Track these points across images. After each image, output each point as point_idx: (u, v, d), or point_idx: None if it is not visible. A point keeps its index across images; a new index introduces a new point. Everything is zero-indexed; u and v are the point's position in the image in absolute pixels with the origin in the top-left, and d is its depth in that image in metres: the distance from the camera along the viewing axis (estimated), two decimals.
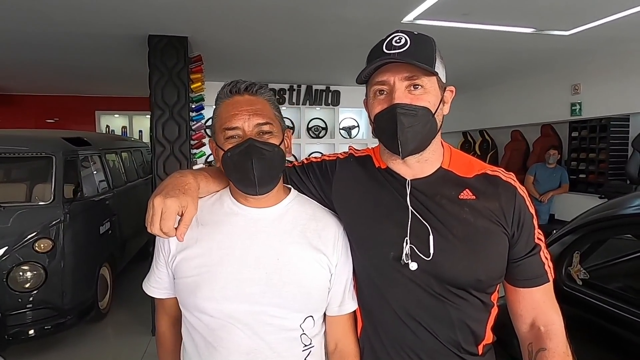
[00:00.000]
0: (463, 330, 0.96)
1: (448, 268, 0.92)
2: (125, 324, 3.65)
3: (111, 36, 3.88)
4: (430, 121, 0.91)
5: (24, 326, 2.99)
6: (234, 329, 0.93)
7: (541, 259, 0.97)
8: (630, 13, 3.23)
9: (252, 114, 0.94)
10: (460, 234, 0.92)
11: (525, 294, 0.98)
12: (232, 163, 0.93)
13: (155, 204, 0.87)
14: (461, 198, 0.95)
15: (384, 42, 0.92)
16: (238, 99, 0.96)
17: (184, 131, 3.93)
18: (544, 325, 0.97)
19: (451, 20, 3.39)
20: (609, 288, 1.69)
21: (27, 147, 3.46)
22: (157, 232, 0.88)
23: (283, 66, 5.36)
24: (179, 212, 0.89)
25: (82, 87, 7.18)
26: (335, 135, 7.06)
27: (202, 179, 1.00)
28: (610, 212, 1.70)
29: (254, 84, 0.98)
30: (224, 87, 0.99)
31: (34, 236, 3.05)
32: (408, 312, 0.95)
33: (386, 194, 0.99)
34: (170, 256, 0.99)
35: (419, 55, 0.89)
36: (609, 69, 4.82)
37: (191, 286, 0.95)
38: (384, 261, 0.95)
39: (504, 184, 0.97)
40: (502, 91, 6.56)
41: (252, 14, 3.32)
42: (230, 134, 0.94)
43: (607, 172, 5.13)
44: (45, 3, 3.01)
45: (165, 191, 0.89)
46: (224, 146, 0.95)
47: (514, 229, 0.95)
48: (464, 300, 0.94)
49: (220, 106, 0.98)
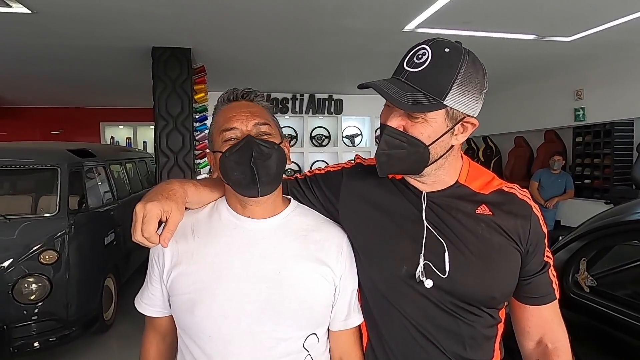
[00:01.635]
0: (473, 347, 0.94)
1: (464, 284, 0.90)
2: (129, 335, 3.64)
3: (115, 49, 3.92)
4: (416, 151, 0.87)
5: (29, 338, 2.98)
6: (230, 357, 0.88)
7: (549, 276, 0.97)
8: (631, 18, 3.23)
9: (250, 114, 0.93)
10: (476, 249, 0.90)
11: (534, 311, 0.97)
12: (231, 162, 0.89)
13: (137, 210, 0.84)
14: (478, 213, 0.93)
15: (411, 51, 0.86)
16: (235, 104, 0.96)
17: (187, 141, 3.95)
18: (552, 342, 0.97)
19: (452, 28, 3.40)
20: (616, 295, 1.67)
21: (33, 159, 3.48)
22: (140, 238, 0.84)
23: (286, 76, 5.39)
24: (161, 217, 0.85)
25: (87, 99, 7.25)
26: (339, 144, 7.07)
27: (189, 186, 0.96)
28: (617, 219, 1.68)
29: (251, 91, 0.97)
30: (221, 96, 0.98)
31: (39, 248, 3.06)
32: (418, 328, 0.92)
33: (400, 206, 0.95)
34: (166, 271, 0.94)
35: (429, 82, 0.82)
36: (611, 74, 4.81)
37: (188, 304, 0.90)
38: (395, 275, 0.92)
39: (520, 202, 0.95)
40: (505, 97, 6.56)
41: (255, 25, 3.35)
42: (228, 135, 0.91)
43: (613, 177, 5.10)
44: (50, 17, 3.06)
45: (148, 197, 0.87)
46: (221, 149, 0.91)
47: (528, 247, 0.93)
48: (476, 317, 0.93)
49: (218, 113, 0.97)
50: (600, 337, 1.62)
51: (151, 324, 1.04)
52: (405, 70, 0.84)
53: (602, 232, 1.69)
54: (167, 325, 1.01)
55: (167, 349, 1.04)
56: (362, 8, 2.99)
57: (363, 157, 1.09)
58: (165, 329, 1.02)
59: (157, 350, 1.03)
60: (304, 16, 3.15)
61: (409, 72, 0.83)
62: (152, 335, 1.04)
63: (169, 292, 0.95)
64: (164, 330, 1.03)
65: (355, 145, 7.19)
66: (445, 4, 2.89)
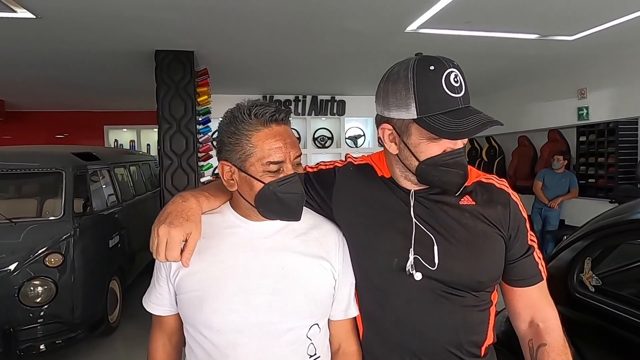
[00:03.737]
0: (467, 332, 0.99)
1: (452, 272, 0.95)
2: (135, 337, 3.67)
3: (119, 53, 3.94)
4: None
5: (35, 341, 3.00)
6: (240, 347, 0.92)
7: (535, 259, 1.03)
8: (634, 17, 3.22)
9: (292, 146, 0.95)
10: (462, 238, 0.97)
11: (522, 293, 1.03)
12: (276, 196, 0.92)
13: (160, 234, 0.89)
14: (462, 204, 0.99)
15: (442, 76, 0.88)
16: (278, 130, 0.94)
17: (191, 144, 3.97)
18: (542, 322, 1.02)
19: (454, 29, 3.40)
20: (622, 294, 1.66)
21: (38, 163, 3.51)
22: (163, 260, 0.90)
23: (288, 77, 5.40)
24: (183, 239, 0.90)
25: (91, 103, 7.29)
26: (342, 145, 7.07)
27: (203, 200, 1.01)
28: (622, 217, 1.68)
29: (286, 111, 0.97)
30: (257, 110, 0.92)
31: (45, 251, 3.08)
32: (410, 317, 0.98)
33: (390, 202, 1.02)
34: (173, 271, 0.98)
35: (469, 95, 0.91)
36: (614, 73, 4.80)
37: (196, 300, 0.94)
38: (387, 269, 0.98)
39: (498, 190, 1.02)
40: (508, 97, 6.54)
41: (256, 28, 3.36)
42: (275, 168, 0.92)
43: (617, 176, 5.07)
44: (55, 22, 3.08)
45: (169, 220, 0.90)
46: (263, 178, 0.92)
47: (510, 232, 1.00)
48: (467, 301, 0.98)
49: (257, 135, 0.92)
50: (605, 336, 1.62)
51: (158, 324, 1.08)
52: (456, 97, 0.89)
53: (607, 231, 1.68)
54: (174, 324, 1.06)
55: (172, 349, 1.09)
56: (363, 9, 2.99)
57: (353, 157, 1.15)
58: (172, 328, 1.07)
59: (163, 351, 1.08)
60: (305, 18, 3.16)
61: (461, 98, 0.89)
62: (159, 335, 1.09)
63: (175, 290, 1.00)
64: (170, 329, 1.07)
65: (358, 146, 7.19)
66: (447, 4, 2.89)
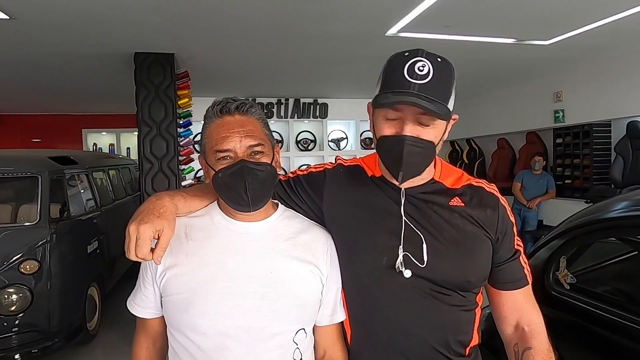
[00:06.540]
0: (454, 332, 1.00)
1: (440, 271, 0.96)
2: (115, 345, 3.57)
3: (97, 55, 3.88)
4: (432, 153, 0.95)
5: (9, 351, 2.91)
6: (227, 350, 0.91)
7: (521, 263, 1.05)
8: (607, 22, 3.33)
9: (244, 135, 0.93)
10: (451, 237, 0.98)
11: (509, 296, 1.05)
12: (224, 184, 0.93)
13: (131, 231, 0.87)
14: (451, 205, 1.01)
15: (406, 63, 0.89)
16: (229, 120, 0.95)
17: (172, 147, 3.92)
18: (527, 325, 1.03)
19: (434, 33, 3.46)
20: (596, 291, 1.71)
21: (12, 167, 3.41)
22: (134, 258, 0.88)
23: (270, 80, 5.39)
24: (154, 237, 0.88)
25: (69, 106, 7.14)
26: (324, 148, 7.09)
27: (179, 199, 0.99)
28: (595, 216, 1.72)
29: (245, 103, 0.97)
30: (214, 105, 0.96)
31: (20, 258, 2.99)
32: (399, 317, 0.98)
33: (380, 201, 1.02)
34: (158, 273, 0.97)
35: (439, 91, 0.88)
36: (589, 77, 4.94)
37: (182, 303, 0.93)
38: (377, 267, 0.98)
39: (487, 194, 1.04)
40: (487, 100, 6.67)
41: (238, 30, 3.35)
42: (221, 155, 0.93)
43: (592, 177, 5.22)
44: (30, 23, 3.01)
45: (140, 217, 0.89)
46: (215, 166, 0.93)
47: (497, 235, 1.02)
48: (454, 301, 0.99)
49: (211, 126, 0.96)
50: (580, 333, 1.66)
51: (143, 327, 1.07)
52: (413, 82, 0.87)
53: (581, 230, 1.72)
54: (159, 328, 1.05)
55: (156, 353, 1.08)
56: (345, 13, 3.02)
57: (344, 158, 1.15)
58: (156, 331, 1.06)
59: (147, 355, 1.06)
60: (287, 21, 3.16)
61: (418, 84, 0.87)
62: (143, 338, 1.07)
63: (161, 293, 0.98)
64: (155, 333, 1.06)
65: (341, 149, 7.21)
66: (427, 9, 2.94)
